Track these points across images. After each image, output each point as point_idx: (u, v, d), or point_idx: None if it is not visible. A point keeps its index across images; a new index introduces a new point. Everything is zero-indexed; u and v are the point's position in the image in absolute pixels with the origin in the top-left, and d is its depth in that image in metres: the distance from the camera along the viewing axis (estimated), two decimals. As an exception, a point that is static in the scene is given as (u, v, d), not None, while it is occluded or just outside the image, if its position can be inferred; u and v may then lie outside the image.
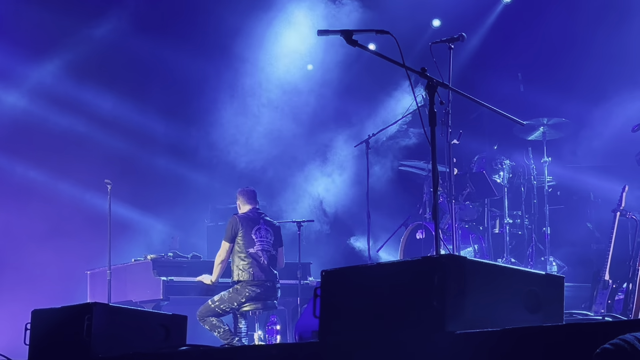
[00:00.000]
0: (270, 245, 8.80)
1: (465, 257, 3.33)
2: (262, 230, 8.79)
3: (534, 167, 9.71)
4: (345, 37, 5.00)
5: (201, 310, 8.64)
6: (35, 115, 11.26)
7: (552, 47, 10.88)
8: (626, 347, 2.29)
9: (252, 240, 8.69)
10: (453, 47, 6.91)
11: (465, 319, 3.16)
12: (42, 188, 11.23)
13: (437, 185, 4.85)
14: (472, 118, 10.87)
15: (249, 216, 8.84)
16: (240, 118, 11.92)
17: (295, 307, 9.72)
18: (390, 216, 10.91)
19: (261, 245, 8.73)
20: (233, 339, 8.54)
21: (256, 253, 8.67)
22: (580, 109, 10.30)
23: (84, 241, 10.90)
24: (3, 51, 10.99)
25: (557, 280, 3.64)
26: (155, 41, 11.65)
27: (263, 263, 8.67)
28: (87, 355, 4.40)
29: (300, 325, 6.85)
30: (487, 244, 9.63)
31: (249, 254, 8.64)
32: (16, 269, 10.88)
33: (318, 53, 11.69)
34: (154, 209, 12.01)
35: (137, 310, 5.26)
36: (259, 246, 8.71)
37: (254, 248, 8.68)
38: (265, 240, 8.78)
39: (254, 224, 8.79)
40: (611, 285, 7.94)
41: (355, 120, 11.95)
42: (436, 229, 4.84)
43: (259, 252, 8.69)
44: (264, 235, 8.79)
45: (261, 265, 8.65)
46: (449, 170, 7.52)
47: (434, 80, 4.92)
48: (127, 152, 11.78)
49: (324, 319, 3.56)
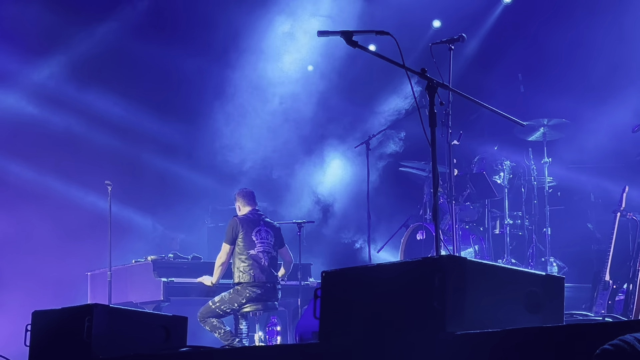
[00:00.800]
0: (271, 247, 8.80)
1: (465, 257, 3.33)
2: (262, 232, 8.79)
3: (534, 168, 9.71)
4: (346, 38, 5.00)
5: (202, 312, 8.65)
6: (35, 117, 11.26)
7: (552, 48, 10.88)
8: (626, 347, 2.29)
9: (252, 241, 8.69)
10: (453, 47, 6.91)
11: (465, 320, 3.17)
12: (42, 189, 11.22)
13: (437, 186, 4.85)
14: (472, 119, 10.87)
15: (249, 218, 8.84)
16: (241, 119, 11.92)
17: (295, 308, 9.72)
18: (391, 217, 10.91)
19: (262, 246, 8.73)
20: (234, 340, 8.54)
21: (257, 255, 8.67)
22: (581, 110, 10.30)
23: (84, 242, 10.90)
24: (2, 51, 10.99)
25: (557, 281, 3.64)
26: (155, 42, 11.65)
27: (264, 264, 8.67)
28: (88, 357, 4.40)
29: (300, 326, 6.86)
30: (488, 245, 9.63)
31: (249, 255, 8.64)
32: (16, 270, 10.88)
33: (318, 54, 11.69)
34: (155, 210, 12.01)
35: (138, 312, 5.26)
36: (259, 247, 8.71)
37: (255, 250, 8.68)
38: (265, 242, 8.77)
39: (255, 225, 8.79)
40: (611, 286, 7.94)
41: (355, 121, 11.95)
42: (436, 229, 4.84)
43: (260, 254, 8.69)
44: (265, 236, 8.79)
45: (262, 266, 8.65)
46: (449, 171, 7.52)
47: (434, 81, 4.92)
48: (127, 153, 11.78)
49: (325, 320, 3.56)
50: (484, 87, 10.60)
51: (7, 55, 11.03)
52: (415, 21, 11.31)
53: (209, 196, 12.13)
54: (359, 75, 11.68)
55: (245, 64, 11.77)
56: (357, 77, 11.72)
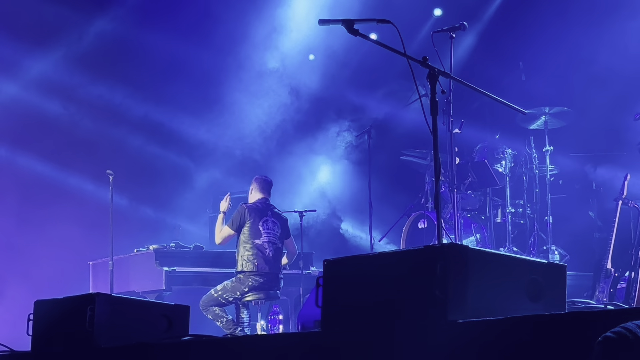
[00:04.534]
0: (277, 238, 8.80)
1: (467, 246, 3.33)
2: (269, 222, 8.78)
3: (536, 156, 9.70)
4: (347, 26, 4.99)
5: (204, 300, 8.66)
6: (37, 107, 11.25)
7: (553, 36, 10.85)
8: (628, 335, 2.29)
9: (258, 231, 8.68)
10: (454, 36, 6.91)
11: (467, 308, 3.17)
12: (44, 179, 11.23)
13: (439, 175, 4.84)
14: (473, 107, 10.85)
15: (257, 207, 8.81)
16: (242, 108, 11.91)
17: (297, 297, 9.74)
18: (392, 206, 10.91)
19: (267, 237, 8.72)
20: (236, 328, 8.55)
21: (262, 245, 8.66)
22: (582, 98, 10.28)
23: (86, 231, 10.91)
24: (4, 42, 10.98)
25: (559, 269, 3.63)
26: (160, 33, 11.62)
27: (268, 255, 8.67)
28: (90, 346, 4.40)
29: (302, 314, 6.86)
30: (489, 233, 9.63)
31: (254, 244, 8.63)
32: (18, 259, 10.90)
33: (320, 42, 11.66)
34: (156, 199, 12.02)
35: (140, 301, 5.26)
36: (265, 238, 8.69)
37: (260, 239, 8.67)
38: (272, 232, 8.77)
39: (262, 215, 8.77)
40: (613, 273, 7.95)
41: (356, 110, 11.94)
42: (438, 218, 4.84)
43: (265, 244, 8.67)
44: (271, 227, 8.78)
45: (266, 257, 8.65)
46: (451, 160, 7.52)
47: (435, 70, 4.92)
48: (129, 142, 11.78)
49: (326, 308, 3.56)
50: (485, 75, 10.58)
51: (10, 45, 11.01)
52: (417, 9, 11.29)
53: (211, 185, 12.13)
54: (361, 64, 11.66)
55: (248, 55, 11.76)
56: (359, 65, 11.71)
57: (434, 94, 4.88)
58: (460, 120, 7.64)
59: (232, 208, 9.01)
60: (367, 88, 12.06)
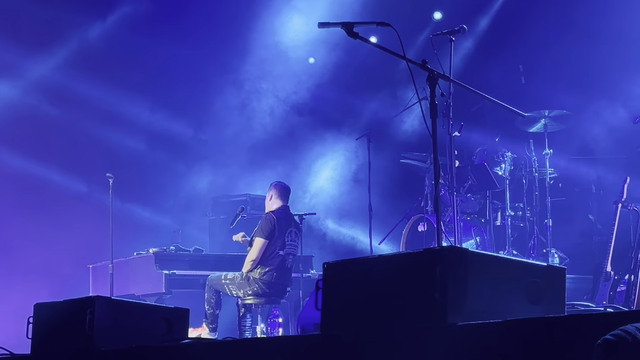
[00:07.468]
0: (297, 249, 8.84)
1: (467, 249, 3.33)
2: (292, 234, 8.77)
3: (536, 159, 9.70)
4: (346, 29, 4.99)
5: (213, 279, 8.66)
6: (36, 109, 11.25)
7: (553, 39, 10.86)
8: (627, 337, 2.29)
9: (284, 242, 8.68)
10: (454, 39, 6.91)
11: (467, 311, 3.17)
12: (44, 181, 11.22)
13: (438, 178, 4.85)
14: (473, 110, 10.85)
15: (283, 216, 8.76)
16: (241, 111, 11.92)
17: (297, 300, 9.72)
18: (392, 209, 10.91)
19: (290, 248, 8.74)
20: (215, 328, 8.59)
21: (285, 256, 8.66)
22: (582, 101, 10.29)
23: (86, 235, 10.90)
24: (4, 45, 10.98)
25: (558, 272, 3.64)
26: (158, 36, 11.63)
27: (287, 266, 8.70)
28: (90, 349, 4.40)
29: (302, 317, 6.87)
30: (489, 236, 9.63)
31: (277, 255, 8.61)
32: (18, 262, 10.89)
33: (319, 46, 11.67)
34: (156, 202, 12.01)
35: (140, 304, 5.26)
36: (288, 249, 8.71)
37: (284, 251, 8.66)
38: (293, 244, 8.79)
39: (287, 226, 8.76)
40: (613, 277, 7.95)
41: (356, 113, 11.94)
42: (438, 221, 4.85)
43: (287, 256, 8.69)
44: (294, 238, 8.78)
45: (284, 268, 8.66)
46: (451, 163, 7.51)
47: (435, 73, 4.92)
48: (128, 145, 11.78)
49: (326, 311, 3.56)
50: (485, 78, 10.57)
51: (9, 48, 11.01)
52: (416, 13, 11.29)
53: (211, 188, 12.13)
54: (361, 67, 11.66)
55: (247, 57, 11.77)
56: (359, 69, 11.71)
57: (434, 96, 4.89)
58: (459, 123, 7.63)
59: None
60: (366, 91, 12.06)
